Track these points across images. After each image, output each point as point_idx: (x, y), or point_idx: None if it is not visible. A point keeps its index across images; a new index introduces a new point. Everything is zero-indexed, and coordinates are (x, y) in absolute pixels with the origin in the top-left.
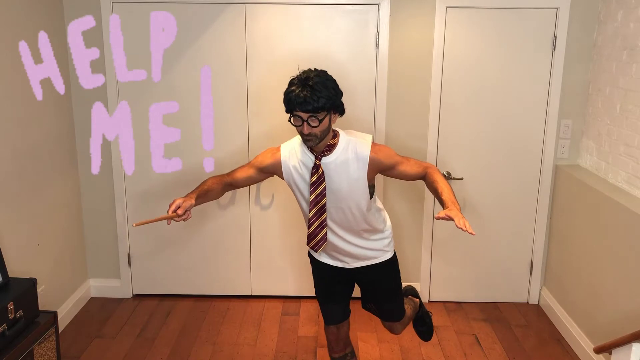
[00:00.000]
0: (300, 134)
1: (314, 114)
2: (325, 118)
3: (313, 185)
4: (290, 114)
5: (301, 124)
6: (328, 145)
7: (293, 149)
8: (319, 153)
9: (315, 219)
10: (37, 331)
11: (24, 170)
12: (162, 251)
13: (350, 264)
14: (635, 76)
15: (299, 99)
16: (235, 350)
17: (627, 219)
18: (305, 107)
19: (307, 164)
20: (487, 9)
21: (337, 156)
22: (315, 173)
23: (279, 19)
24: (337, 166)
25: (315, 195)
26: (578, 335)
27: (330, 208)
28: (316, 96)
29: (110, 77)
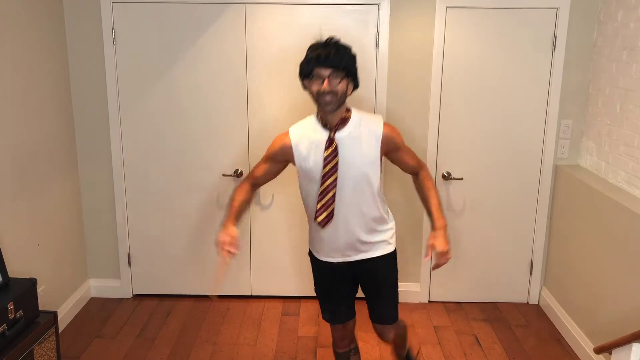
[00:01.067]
0: (318, 96)
1: (336, 70)
2: (344, 81)
3: (327, 159)
4: (305, 79)
5: (322, 82)
6: (342, 118)
7: (303, 128)
8: (333, 127)
9: (325, 194)
10: (37, 331)
11: (24, 170)
12: (162, 251)
13: (352, 256)
14: (635, 76)
15: (322, 55)
16: (235, 350)
17: (627, 219)
18: (328, 62)
19: (319, 140)
20: (487, 9)
21: (351, 130)
22: (330, 146)
23: (279, 19)
24: (350, 140)
25: (329, 169)
26: (578, 335)
27: (343, 186)
28: (340, 54)
29: (110, 77)
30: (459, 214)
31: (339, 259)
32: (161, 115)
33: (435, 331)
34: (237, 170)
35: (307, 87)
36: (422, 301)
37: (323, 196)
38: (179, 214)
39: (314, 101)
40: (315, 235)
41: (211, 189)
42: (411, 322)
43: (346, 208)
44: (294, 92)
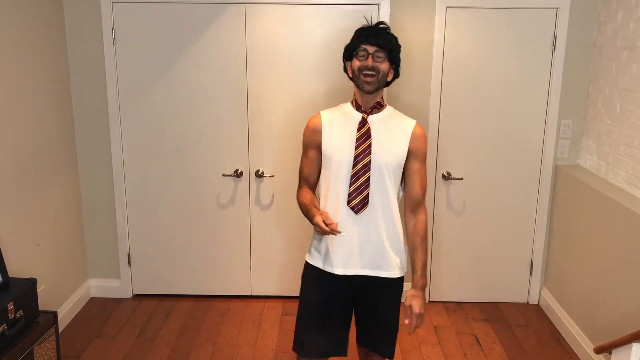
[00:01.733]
0: (359, 72)
1: (381, 48)
2: (386, 62)
3: (359, 140)
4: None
5: (366, 58)
6: (377, 102)
7: (334, 110)
8: (367, 109)
9: (359, 177)
10: (37, 331)
11: (24, 170)
12: (162, 251)
13: (359, 269)
14: (635, 76)
15: (371, 32)
16: (235, 350)
17: (627, 219)
18: (376, 39)
19: (351, 121)
20: (487, 9)
21: (384, 117)
22: (362, 127)
23: (279, 19)
24: (383, 126)
25: (361, 151)
26: (578, 335)
27: (376, 172)
28: (387, 35)
29: (110, 76)
30: (459, 214)
31: (348, 269)
32: (161, 115)
33: (435, 331)
34: (237, 170)
35: (349, 68)
36: None
37: (356, 179)
38: (179, 214)
39: (355, 80)
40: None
41: (211, 189)
42: None
43: (378, 198)
44: (295, 92)
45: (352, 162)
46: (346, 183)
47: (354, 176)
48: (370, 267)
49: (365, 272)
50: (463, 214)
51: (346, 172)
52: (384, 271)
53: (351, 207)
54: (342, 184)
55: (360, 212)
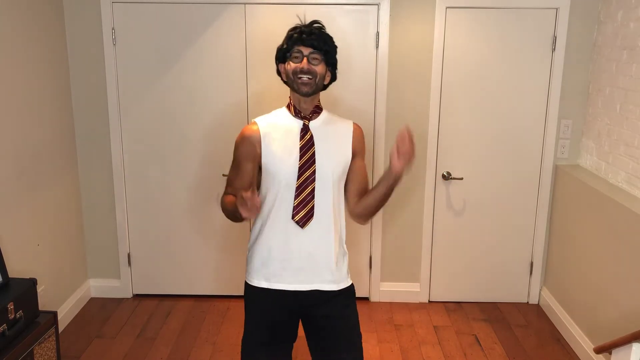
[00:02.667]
0: (294, 76)
1: (317, 50)
2: (323, 64)
3: (302, 149)
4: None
5: (301, 60)
6: (315, 106)
7: (271, 117)
8: (306, 115)
9: (304, 188)
10: (37, 331)
11: (24, 170)
12: (162, 251)
13: (303, 282)
14: (635, 76)
15: (305, 32)
16: (235, 350)
17: (627, 219)
18: (311, 40)
19: (291, 129)
20: (487, 9)
21: (324, 121)
22: (305, 135)
23: (279, 19)
24: (324, 132)
25: (305, 161)
26: (578, 335)
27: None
28: (322, 36)
29: (110, 76)
30: (459, 214)
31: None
32: (161, 115)
33: (435, 331)
34: None
35: (282, 71)
36: (422, 301)
37: (301, 191)
38: (179, 214)
39: (290, 84)
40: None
41: (211, 189)
42: (411, 322)
43: (324, 208)
44: None
45: (297, 174)
46: (291, 196)
47: (299, 188)
48: (322, 281)
49: (317, 286)
50: (463, 214)
51: (291, 184)
52: (336, 283)
53: (296, 221)
54: (287, 198)
55: (305, 225)
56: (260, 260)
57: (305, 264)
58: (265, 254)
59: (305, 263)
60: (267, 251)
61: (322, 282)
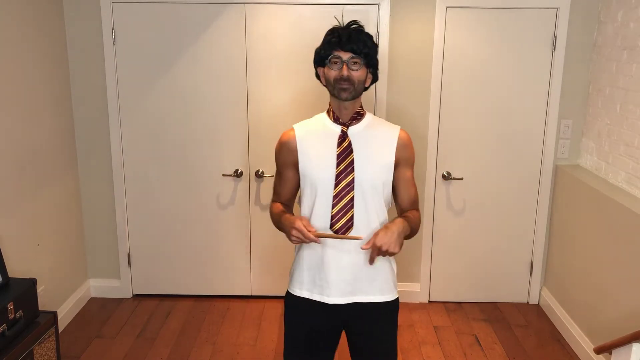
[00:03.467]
0: (334, 83)
1: (357, 55)
2: (363, 69)
3: (340, 157)
4: (320, 66)
5: (340, 67)
6: (356, 112)
7: (309, 124)
8: (346, 121)
9: (341, 197)
10: (37, 331)
11: (24, 170)
12: (162, 251)
13: (344, 294)
14: (635, 76)
15: (344, 37)
16: (235, 350)
17: (627, 219)
18: (350, 44)
19: (329, 135)
20: (487, 9)
21: (365, 126)
22: (343, 142)
23: (279, 19)
24: (364, 138)
25: (343, 168)
26: (578, 335)
27: (360, 190)
28: (362, 38)
29: (110, 76)
30: (459, 214)
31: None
32: (161, 115)
33: (435, 331)
34: (237, 170)
35: (321, 75)
36: (422, 301)
37: (339, 200)
38: (179, 214)
39: (329, 88)
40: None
41: (211, 189)
42: (411, 322)
43: (364, 218)
44: (295, 92)
45: (334, 182)
46: (328, 204)
47: (337, 196)
48: (362, 293)
49: (357, 298)
50: (463, 214)
51: (328, 192)
52: (378, 295)
53: (335, 231)
54: (324, 206)
55: (347, 233)
56: (301, 270)
57: (345, 275)
58: (306, 263)
59: (345, 275)
60: (307, 261)
61: (362, 295)
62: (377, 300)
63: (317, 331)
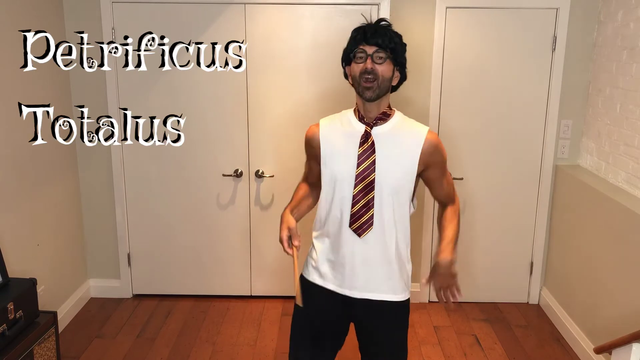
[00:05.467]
0: (359, 76)
1: (381, 48)
2: (389, 63)
3: (361, 157)
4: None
5: (364, 60)
6: (382, 112)
7: (335, 119)
8: (371, 121)
9: (362, 197)
10: (37, 331)
11: (24, 170)
12: (162, 251)
13: (358, 289)
14: (635, 76)
15: (369, 31)
16: (235, 350)
17: (627, 219)
18: (375, 38)
19: (352, 134)
20: (487, 9)
21: (391, 128)
22: (365, 142)
23: (279, 19)
24: (389, 139)
25: (364, 169)
26: (578, 335)
27: (381, 191)
28: (390, 33)
29: (110, 76)
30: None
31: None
32: (161, 115)
33: (435, 331)
34: (237, 170)
35: (348, 73)
36: (422, 301)
37: (359, 199)
38: (179, 214)
39: (355, 87)
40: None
41: (211, 189)
42: (411, 322)
43: (384, 219)
44: (295, 92)
45: (354, 181)
46: (348, 203)
47: (357, 196)
48: (375, 291)
49: (369, 295)
50: (463, 214)
51: (348, 191)
52: (391, 294)
53: (354, 230)
54: (344, 204)
55: (363, 235)
56: (317, 258)
57: (359, 271)
58: (323, 254)
59: (359, 271)
60: (324, 252)
61: (375, 292)
62: (389, 299)
63: (325, 320)
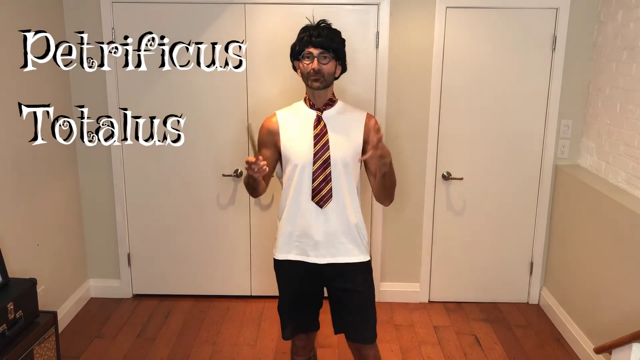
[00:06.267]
0: (307, 75)
1: (325, 50)
2: (332, 62)
3: (316, 137)
4: (296, 60)
5: (311, 61)
6: (329, 99)
7: (289, 110)
8: (320, 106)
9: (320, 172)
10: (37, 331)
11: (24, 170)
12: (162, 251)
13: (324, 256)
14: (635, 76)
15: (314, 34)
16: (235, 350)
17: (627, 219)
18: (319, 42)
19: (306, 119)
20: (487, 9)
21: (337, 112)
22: (318, 125)
23: (279, 19)
24: (337, 121)
25: (320, 147)
26: (578, 335)
27: (335, 166)
28: (331, 35)
29: (110, 76)
30: (459, 214)
31: (309, 259)
32: (161, 115)
33: (435, 331)
34: (237, 171)
35: (297, 68)
36: (422, 301)
37: (317, 175)
38: (179, 214)
39: (304, 81)
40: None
41: (211, 189)
42: (411, 322)
43: (341, 190)
44: (294, 92)
45: (312, 160)
46: (309, 180)
47: (316, 172)
48: (340, 255)
49: (335, 259)
50: (463, 214)
51: (308, 169)
52: (353, 257)
53: (316, 202)
54: (305, 181)
55: (325, 205)
56: (285, 236)
57: (324, 239)
58: (289, 231)
59: (324, 238)
60: (290, 229)
61: (339, 256)
62: (351, 261)
63: (301, 288)
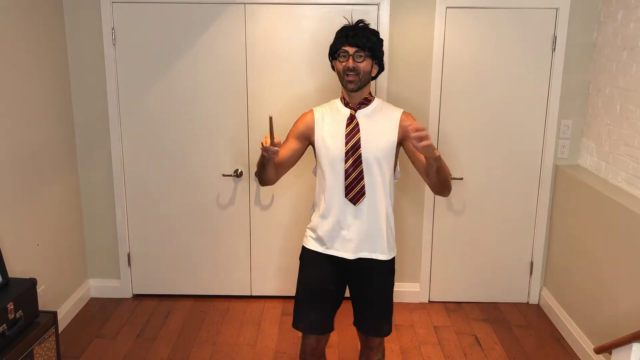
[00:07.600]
0: (343, 73)
1: (361, 48)
2: (368, 60)
3: (348, 136)
4: (334, 57)
5: (347, 59)
6: (364, 98)
7: (325, 107)
8: (354, 106)
9: (352, 170)
10: (37, 331)
11: (24, 170)
12: (162, 251)
13: (354, 251)
14: (635, 76)
15: (350, 33)
16: (235, 350)
17: (627, 219)
18: (355, 40)
19: (340, 117)
20: (487, 9)
21: (372, 111)
22: (350, 123)
23: (279, 19)
24: (370, 120)
25: (351, 146)
26: (578, 335)
27: (368, 165)
28: (367, 34)
29: (110, 76)
30: (459, 214)
31: (347, 253)
32: (161, 115)
33: (435, 331)
34: (237, 170)
35: (334, 67)
36: (422, 301)
37: (350, 173)
38: (178, 214)
39: (340, 79)
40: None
41: (211, 189)
42: (411, 322)
43: (373, 188)
44: (295, 92)
45: (344, 157)
46: (342, 177)
47: (348, 170)
48: (368, 251)
49: (363, 255)
50: (463, 214)
51: (340, 166)
52: (379, 254)
53: (349, 199)
54: (338, 178)
55: (358, 203)
56: (317, 229)
57: (356, 235)
58: (322, 225)
59: (356, 235)
60: (322, 223)
61: (370, 252)
62: (378, 258)
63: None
